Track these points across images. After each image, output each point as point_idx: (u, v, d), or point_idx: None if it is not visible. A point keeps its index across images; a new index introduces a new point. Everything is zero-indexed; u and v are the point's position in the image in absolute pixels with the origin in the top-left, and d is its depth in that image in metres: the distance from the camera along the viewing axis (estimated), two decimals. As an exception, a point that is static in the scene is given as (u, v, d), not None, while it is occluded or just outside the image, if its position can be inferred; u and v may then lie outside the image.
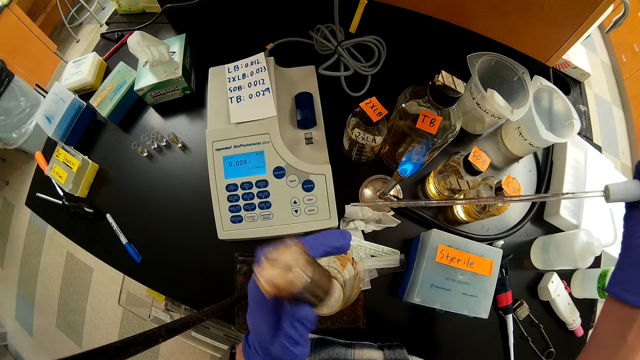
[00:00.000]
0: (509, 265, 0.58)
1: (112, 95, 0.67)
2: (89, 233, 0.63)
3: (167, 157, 0.65)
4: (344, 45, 0.67)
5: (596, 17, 0.55)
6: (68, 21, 2.12)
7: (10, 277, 1.64)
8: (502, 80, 0.62)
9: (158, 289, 0.59)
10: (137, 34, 0.60)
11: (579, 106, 0.75)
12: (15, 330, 1.57)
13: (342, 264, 0.33)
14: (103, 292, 1.50)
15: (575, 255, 0.52)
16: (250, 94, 0.56)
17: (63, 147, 0.64)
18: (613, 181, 0.32)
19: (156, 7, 0.76)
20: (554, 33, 0.62)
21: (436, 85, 0.41)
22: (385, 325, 0.55)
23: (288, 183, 0.54)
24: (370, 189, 0.59)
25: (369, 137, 0.49)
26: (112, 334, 1.45)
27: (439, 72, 0.41)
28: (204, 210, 0.60)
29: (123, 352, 0.23)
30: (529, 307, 0.57)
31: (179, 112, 0.68)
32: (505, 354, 0.55)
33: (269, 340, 0.26)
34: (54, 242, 1.61)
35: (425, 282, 0.49)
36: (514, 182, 0.47)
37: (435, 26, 0.72)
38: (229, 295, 0.55)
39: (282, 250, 0.24)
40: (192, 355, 1.36)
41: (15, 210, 1.74)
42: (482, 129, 0.65)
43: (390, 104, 0.49)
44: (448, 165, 0.52)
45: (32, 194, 0.67)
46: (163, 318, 0.96)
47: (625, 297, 0.30)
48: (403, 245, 0.58)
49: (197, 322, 0.32)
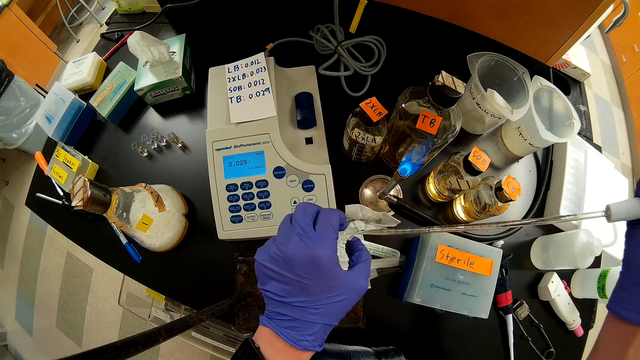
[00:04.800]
0: (509, 265, 0.58)
1: (112, 95, 0.67)
2: (89, 233, 0.63)
3: (167, 157, 0.65)
4: (344, 45, 0.67)
5: (596, 17, 0.55)
6: (68, 21, 2.12)
7: (10, 277, 1.64)
8: (502, 80, 0.62)
9: (158, 289, 0.59)
10: (137, 34, 0.60)
11: (579, 106, 0.75)
12: (15, 330, 1.57)
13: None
14: (103, 292, 1.50)
15: (575, 255, 0.52)
16: (250, 94, 0.56)
17: (63, 147, 0.64)
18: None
19: (156, 7, 0.76)
20: (554, 33, 0.62)
21: (436, 86, 0.41)
22: (385, 326, 0.55)
23: (288, 183, 0.54)
24: (370, 189, 0.59)
25: (369, 137, 0.49)
26: (112, 334, 1.45)
27: (439, 72, 0.41)
28: (204, 210, 0.60)
29: (123, 352, 0.23)
30: (529, 307, 0.57)
31: (179, 112, 0.69)
32: (505, 354, 0.55)
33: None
34: (54, 242, 1.61)
35: (425, 282, 0.49)
36: (514, 182, 0.47)
37: (435, 26, 0.72)
38: (229, 295, 0.55)
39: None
40: (192, 355, 1.35)
41: (15, 210, 1.74)
42: (482, 129, 0.65)
43: (390, 104, 0.49)
44: (448, 165, 0.52)
45: (32, 194, 0.67)
46: (163, 318, 0.96)
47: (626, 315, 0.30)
48: (403, 245, 0.58)
49: (197, 322, 0.32)
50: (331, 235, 0.29)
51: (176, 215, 0.55)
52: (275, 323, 0.29)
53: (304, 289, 0.27)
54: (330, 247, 0.28)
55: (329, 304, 0.28)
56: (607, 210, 0.31)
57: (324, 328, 0.29)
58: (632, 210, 0.30)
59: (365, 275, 0.31)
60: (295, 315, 0.28)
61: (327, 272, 0.28)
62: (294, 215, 0.31)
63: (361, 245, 0.33)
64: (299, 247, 0.28)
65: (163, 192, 0.55)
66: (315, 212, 0.30)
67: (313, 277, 0.27)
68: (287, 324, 0.28)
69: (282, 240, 0.29)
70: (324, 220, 0.30)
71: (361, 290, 0.30)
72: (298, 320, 0.28)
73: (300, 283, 0.27)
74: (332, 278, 0.28)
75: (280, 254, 0.28)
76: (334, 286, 0.28)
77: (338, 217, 0.31)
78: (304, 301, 0.28)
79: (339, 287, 0.28)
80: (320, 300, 0.28)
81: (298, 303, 0.28)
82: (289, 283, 0.28)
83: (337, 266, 0.28)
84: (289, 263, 0.28)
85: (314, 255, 0.27)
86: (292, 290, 0.28)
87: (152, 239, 0.53)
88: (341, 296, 0.28)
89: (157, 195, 0.52)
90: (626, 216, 0.31)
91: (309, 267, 0.27)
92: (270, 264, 0.29)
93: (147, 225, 0.50)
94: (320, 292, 0.28)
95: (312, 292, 0.28)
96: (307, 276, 0.27)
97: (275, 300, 0.29)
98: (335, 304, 0.28)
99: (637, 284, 0.31)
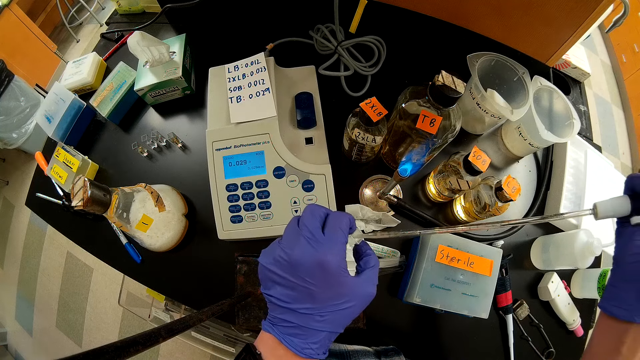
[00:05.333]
0: (509, 265, 0.58)
1: (112, 95, 0.67)
2: (89, 233, 0.63)
3: (167, 157, 0.65)
4: (344, 45, 0.67)
5: (596, 17, 0.55)
6: (68, 21, 2.12)
7: (10, 277, 1.64)
8: (502, 80, 0.62)
9: (158, 289, 0.59)
10: (137, 34, 0.60)
11: (579, 106, 0.75)
12: (15, 330, 1.57)
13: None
14: (103, 292, 1.50)
15: (575, 255, 0.52)
16: (250, 94, 0.56)
17: (63, 147, 0.64)
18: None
19: (156, 7, 0.76)
20: (554, 33, 0.62)
21: (436, 85, 0.41)
22: (385, 326, 0.55)
23: (288, 183, 0.54)
24: (370, 189, 0.59)
25: (369, 137, 0.49)
26: (112, 334, 1.45)
27: (439, 72, 0.41)
28: (204, 210, 0.60)
29: (123, 352, 0.23)
30: (529, 307, 0.57)
31: (179, 112, 0.68)
32: (505, 354, 0.55)
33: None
34: (54, 242, 1.61)
35: (425, 282, 0.49)
36: (514, 182, 0.47)
37: (435, 26, 0.72)
38: (229, 295, 0.55)
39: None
40: (192, 355, 1.35)
41: (15, 210, 1.74)
42: (482, 129, 0.65)
43: (390, 104, 0.49)
44: (448, 165, 0.52)
45: (32, 194, 0.67)
46: (163, 318, 0.96)
47: (617, 313, 0.30)
48: (403, 245, 0.58)
49: (197, 322, 0.32)
50: (340, 240, 0.28)
51: (176, 215, 0.55)
52: (279, 329, 0.28)
53: (310, 295, 0.26)
54: (339, 252, 0.27)
55: (335, 311, 0.27)
56: (594, 208, 0.32)
57: (329, 336, 0.28)
58: (619, 207, 0.31)
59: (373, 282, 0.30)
60: (300, 322, 0.27)
61: (335, 278, 0.27)
62: (301, 217, 0.29)
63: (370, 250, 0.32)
64: (306, 251, 0.26)
65: (163, 192, 0.55)
66: (324, 214, 0.29)
67: (320, 283, 0.26)
68: (291, 331, 0.27)
69: (288, 243, 0.28)
70: (334, 224, 0.28)
71: (369, 296, 0.29)
72: (302, 327, 0.27)
73: (307, 289, 0.26)
74: (340, 284, 0.27)
75: (287, 257, 0.27)
76: (341, 293, 0.27)
77: (348, 221, 0.30)
78: (309, 308, 0.27)
79: (347, 294, 0.27)
80: (326, 307, 0.27)
81: (303, 310, 0.27)
82: (294, 288, 0.27)
83: (345, 272, 0.27)
84: (295, 267, 0.26)
85: (322, 261, 0.26)
86: (297, 296, 0.27)
87: (152, 239, 0.53)
88: (348, 303, 0.27)
89: (157, 195, 0.52)
90: (613, 214, 0.31)
91: (317, 272, 0.26)
92: (275, 268, 0.27)
93: (147, 225, 0.50)
94: (327, 299, 0.27)
95: (318, 298, 0.26)
96: (313, 282, 0.26)
97: (279, 305, 0.28)
98: (342, 312, 0.27)
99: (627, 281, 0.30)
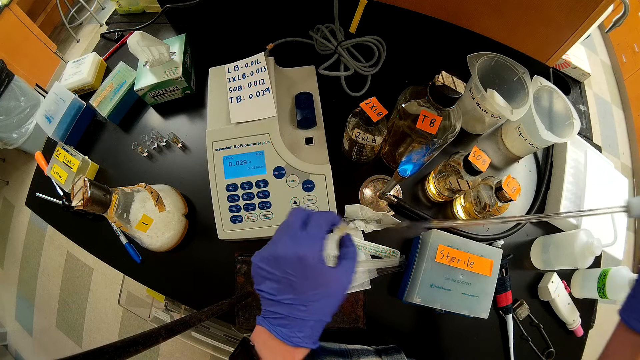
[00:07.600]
0: (509, 265, 0.58)
1: (112, 95, 0.67)
2: (89, 233, 0.63)
3: (167, 157, 0.65)
4: (344, 45, 0.67)
5: (596, 17, 0.55)
6: (68, 21, 2.12)
7: (10, 277, 1.64)
8: (502, 80, 0.62)
9: (158, 289, 0.59)
10: (137, 34, 0.60)
11: (579, 106, 0.75)
12: (15, 330, 1.57)
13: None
14: (103, 292, 1.50)
15: (575, 255, 0.52)
16: (250, 94, 0.56)
17: (63, 147, 0.64)
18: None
19: (156, 7, 0.76)
20: (554, 33, 0.62)
21: (436, 86, 0.41)
22: (385, 326, 0.55)
23: (288, 183, 0.54)
24: (370, 189, 0.59)
25: (369, 137, 0.49)
26: (112, 334, 1.45)
27: (439, 72, 0.41)
28: (204, 210, 0.60)
29: (123, 352, 0.23)
30: (529, 307, 0.57)
31: (179, 112, 0.68)
32: (505, 354, 0.55)
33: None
34: (54, 242, 1.61)
35: (425, 282, 0.49)
36: (514, 182, 0.47)
37: (435, 26, 0.72)
38: (229, 295, 0.55)
39: None
40: (192, 355, 1.35)
41: (15, 210, 1.74)
42: (482, 129, 0.65)
43: (390, 104, 0.49)
44: (448, 165, 0.52)
45: (32, 194, 0.67)
46: (163, 318, 0.95)
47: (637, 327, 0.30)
48: (403, 245, 0.58)
49: (197, 322, 0.32)
50: (318, 235, 0.31)
51: (176, 215, 0.55)
52: (269, 322, 0.30)
53: (292, 286, 0.29)
54: (316, 246, 0.30)
55: (316, 300, 0.29)
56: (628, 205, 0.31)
57: (315, 325, 0.30)
58: None
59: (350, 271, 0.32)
60: (286, 312, 0.29)
61: (313, 269, 0.29)
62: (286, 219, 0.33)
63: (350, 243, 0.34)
64: (286, 246, 0.29)
65: (163, 192, 0.55)
66: (306, 215, 0.33)
67: (299, 275, 0.29)
68: (280, 322, 0.29)
69: (274, 241, 0.31)
70: (313, 222, 0.32)
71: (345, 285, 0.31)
72: (288, 317, 0.29)
73: (288, 280, 0.29)
74: (318, 275, 0.29)
75: (272, 253, 0.30)
76: (320, 283, 0.29)
77: (328, 218, 0.32)
78: (292, 298, 0.29)
79: (324, 284, 0.29)
80: (308, 297, 0.29)
81: (287, 300, 0.29)
82: (279, 281, 0.29)
83: (322, 264, 0.30)
84: (278, 262, 0.29)
85: (301, 254, 0.29)
86: (281, 288, 0.29)
87: (152, 239, 0.53)
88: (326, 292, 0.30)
89: (157, 195, 0.52)
90: None
91: (296, 265, 0.29)
92: (264, 264, 0.30)
93: (147, 225, 0.50)
94: (307, 289, 0.29)
95: (299, 289, 0.29)
96: (294, 274, 0.29)
97: (268, 299, 0.30)
98: (323, 301, 0.30)
99: None
